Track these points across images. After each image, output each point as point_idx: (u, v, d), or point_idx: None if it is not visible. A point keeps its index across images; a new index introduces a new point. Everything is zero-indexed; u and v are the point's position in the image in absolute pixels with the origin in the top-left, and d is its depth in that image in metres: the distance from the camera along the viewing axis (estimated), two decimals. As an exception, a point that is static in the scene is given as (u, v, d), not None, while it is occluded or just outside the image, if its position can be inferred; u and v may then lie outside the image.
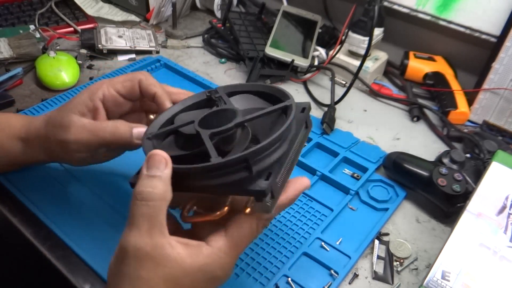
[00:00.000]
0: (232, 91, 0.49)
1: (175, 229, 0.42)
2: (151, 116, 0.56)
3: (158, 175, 0.38)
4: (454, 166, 0.62)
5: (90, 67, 0.84)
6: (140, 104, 0.55)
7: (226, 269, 0.39)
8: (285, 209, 0.47)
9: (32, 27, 0.91)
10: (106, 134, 0.48)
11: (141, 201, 0.37)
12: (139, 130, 0.48)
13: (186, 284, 0.37)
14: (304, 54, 0.85)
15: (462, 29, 0.83)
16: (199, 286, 0.38)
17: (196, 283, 0.38)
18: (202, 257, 0.38)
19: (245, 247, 0.41)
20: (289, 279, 0.51)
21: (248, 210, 0.40)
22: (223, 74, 0.87)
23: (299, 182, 0.43)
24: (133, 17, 1.01)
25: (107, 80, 0.52)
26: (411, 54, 0.88)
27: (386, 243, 0.57)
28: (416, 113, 0.79)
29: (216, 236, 0.39)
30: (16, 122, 0.54)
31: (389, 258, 0.55)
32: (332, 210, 0.60)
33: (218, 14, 1.02)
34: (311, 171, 0.65)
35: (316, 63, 0.89)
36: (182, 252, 0.37)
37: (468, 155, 0.66)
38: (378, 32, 0.85)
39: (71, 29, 0.94)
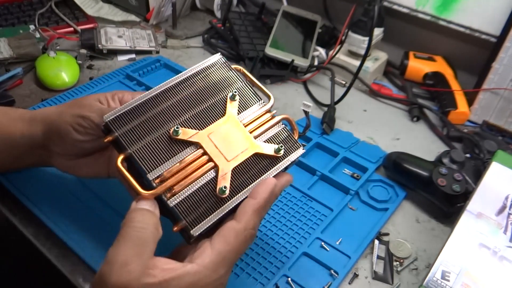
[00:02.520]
0: None
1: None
2: None
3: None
4: (454, 166, 0.62)
5: (90, 67, 0.84)
6: None
7: (215, 286, 0.37)
8: (266, 209, 0.42)
9: (32, 27, 0.91)
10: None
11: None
12: None
13: None
14: (304, 54, 0.85)
15: (462, 29, 0.83)
16: None
17: None
18: (188, 278, 0.36)
19: (235, 260, 0.39)
20: (289, 279, 0.51)
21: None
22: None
23: (266, 182, 0.41)
24: (133, 17, 1.01)
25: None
26: (411, 54, 0.88)
27: (386, 243, 0.57)
28: (416, 113, 0.79)
29: (201, 252, 0.37)
30: (18, 109, 0.56)
31: (389, 258, 0.55)
32: (332, 210, 0.60)
33: (218, 14, 1.02)
34: (311, 171, 0.65)
35: (316, 63, 0.89)
36: (167, 275, 0.35)
37: (468, 155, 0.66)
38: (378, 32, 0.85)
39: (71, 29, 0.94)
